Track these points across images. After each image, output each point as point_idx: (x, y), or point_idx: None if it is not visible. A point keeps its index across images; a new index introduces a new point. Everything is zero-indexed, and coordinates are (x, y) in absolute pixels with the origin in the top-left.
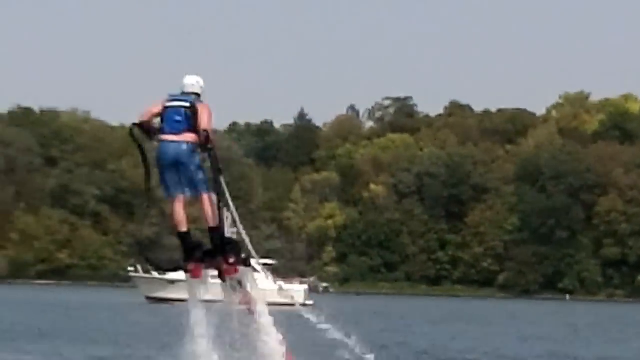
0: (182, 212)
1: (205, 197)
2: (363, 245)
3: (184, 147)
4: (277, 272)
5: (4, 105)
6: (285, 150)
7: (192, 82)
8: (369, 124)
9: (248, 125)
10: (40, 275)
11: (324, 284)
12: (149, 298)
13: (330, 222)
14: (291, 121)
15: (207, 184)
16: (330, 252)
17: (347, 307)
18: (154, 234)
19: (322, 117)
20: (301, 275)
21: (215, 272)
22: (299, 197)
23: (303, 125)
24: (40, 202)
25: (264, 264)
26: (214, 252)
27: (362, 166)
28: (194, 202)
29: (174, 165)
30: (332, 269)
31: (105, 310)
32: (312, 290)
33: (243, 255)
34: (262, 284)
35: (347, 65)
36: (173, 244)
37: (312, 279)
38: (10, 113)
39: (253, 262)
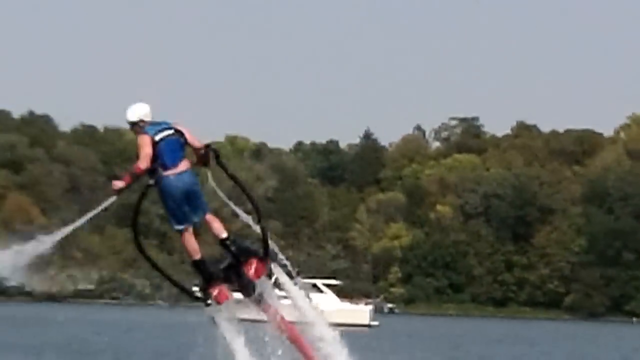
0: (194, 241)
1: (210, 215)
2: (429, 266)
3: (192, 175)
4: (342, 293)
5: (67, 124)
6: (351, 170)
7: (148, 109)
8: (435, 144)
9: (313, 144)
10: (104, 294)
11: (389, 305)
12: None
13: (396, 242)
14: (357, 141)
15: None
16: (395, 272)
17: (412, 328)
18: (220, 253)
19: (388, 136)
20: (366, 295)
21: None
22: (365, 217)
23: (369, 145)
24: (105, 221)
25: (329, 285)
26: (234, 264)
27: (428, 186)
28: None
29: (186, 196)
30: (397, 289)
31: (169, 330)
32: (377, 311)
33: (262, 252)
34: (326, 304)
35: (413, 85)
36: None
37: (377, 299)
38: (74, 131)
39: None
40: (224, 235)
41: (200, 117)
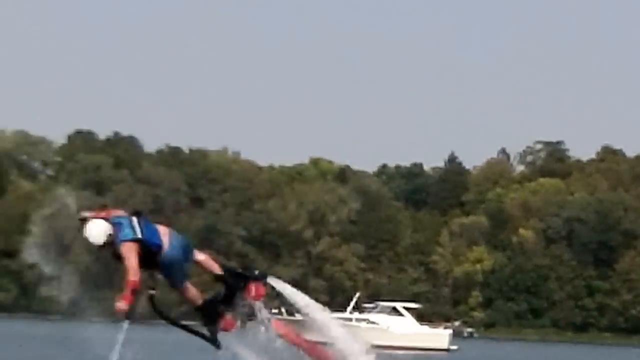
0: (194, 288)
1: (198, 253)
2: (510, 290)
3: (175, 234)
4: (422, 316)
5: (152, 145)
6: (435, 193)
7: (106, 224)
8: (520, 167)
9: (398, 167)
10: (184, 316)
11: (469, 329)
12: None
13: (477, 266)
14: (441, 164)
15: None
16: (476, 296)
17: (490, 353)
18: (300, 275)
19: (473, 160)
20: (446, 319)
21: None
22: (447, 240)
23: (453, 169)
24: None
25: (408, 308)
26: (232, 294)
27: (511, 210)
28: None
29: (184, 256)
30: (477, 313)
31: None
32: (457, 335)
33: (256, 273)
34: (405, 327)
35: (498, 109)
36: (319, 286)
37: (456, 323)
38: (159, 152)
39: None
40: (219, 271)
41: (285, 140)
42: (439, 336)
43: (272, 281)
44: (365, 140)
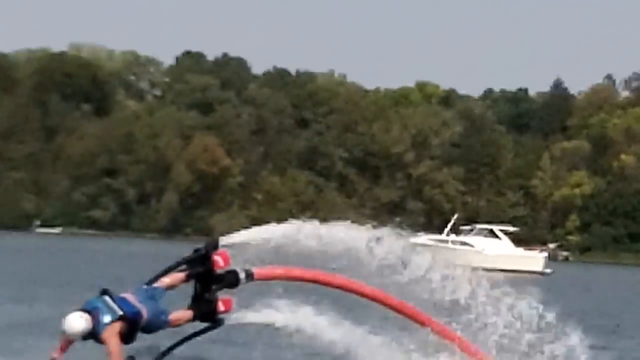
0: (180, 312)
1: (161, 282)
2: (608, 214)
3: (141, 291)
4: (520, 240)
5: (260, 67)
6: (539, 117)
7: (82, 313)
8: (625, 93)
9: (503, 92)
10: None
11: (564, 253)
12: None
13: (577, 190)
14: (547, 89)
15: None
16: (574, 220)
17: (586, 276)
18: (399, 197)
19: (578, 86)
20: (542, 243)
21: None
22: (548, 165)
23: (558, 94)
24: (288, 164)
25: (505, 231)
26: (206, 278)
27: (614, 136)
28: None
29: (157, 304)
30: (574, 237)
31: None
32: (552, 259)
33: (207, 245)
34: (500, 249)
35: (605, 35)
36: (417, 208)
37: (552, 246)
38: (266, 74)
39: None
40: (185, 273)
41: (392, 63)
42: (534, 259)
43: (226, 240)
44: (471, 64)
